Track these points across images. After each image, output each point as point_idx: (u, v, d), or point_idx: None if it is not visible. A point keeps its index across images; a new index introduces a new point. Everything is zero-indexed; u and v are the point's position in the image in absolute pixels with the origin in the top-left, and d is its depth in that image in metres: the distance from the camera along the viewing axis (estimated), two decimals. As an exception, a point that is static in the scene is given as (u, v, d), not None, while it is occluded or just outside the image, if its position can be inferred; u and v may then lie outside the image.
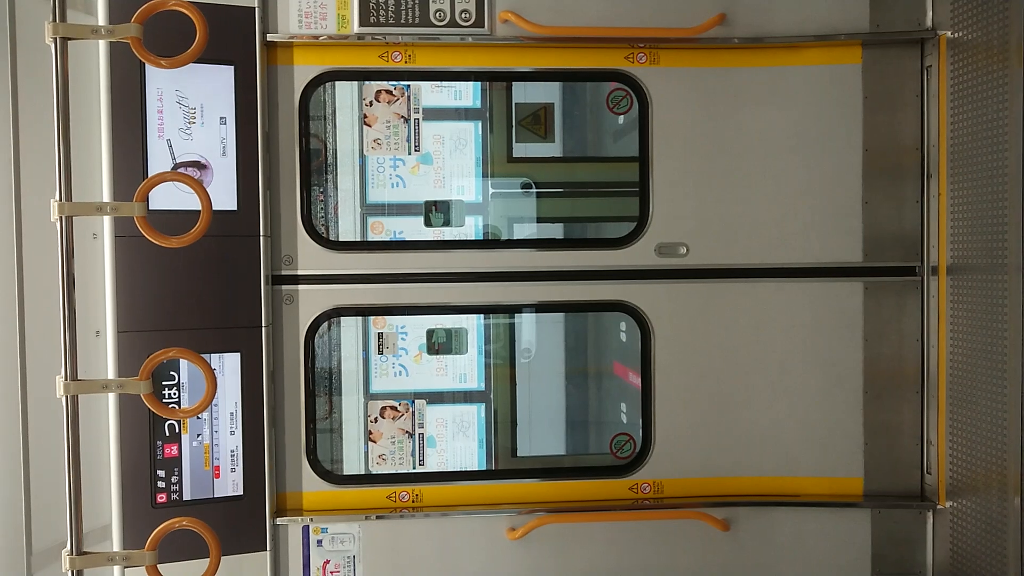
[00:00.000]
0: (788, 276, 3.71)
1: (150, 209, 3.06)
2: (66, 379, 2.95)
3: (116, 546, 3.28)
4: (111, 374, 3.28)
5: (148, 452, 3.32)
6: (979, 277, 3.32)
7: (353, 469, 4.00)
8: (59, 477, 3.00)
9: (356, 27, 3.50)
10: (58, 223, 2.94)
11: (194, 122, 3.34)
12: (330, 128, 3.98)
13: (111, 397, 3.28)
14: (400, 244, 4.10)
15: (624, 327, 4.39)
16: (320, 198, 3.88)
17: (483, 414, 4.31)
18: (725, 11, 3.57)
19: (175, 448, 3.36)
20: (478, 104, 4.34)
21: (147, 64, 3.07)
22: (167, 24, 3.02)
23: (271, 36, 3.45)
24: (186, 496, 3.36)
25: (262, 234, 3.43)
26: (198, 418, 3.35)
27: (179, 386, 3.35)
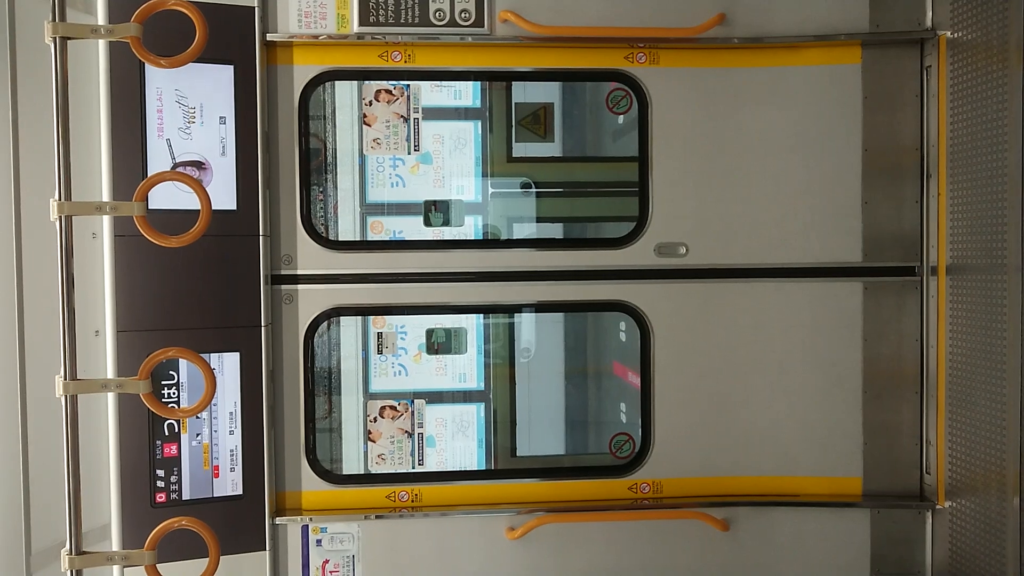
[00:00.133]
0: (788, 276, 3.71)
1: (149, 209, 3.06)
2: (65, 379, 2.95)
3: (115, 546, 3.28)
4: (110, 373, 3.28)
5: (147, 452, 3.31)
6: (978, 277, 3.32)
7: (352, 469, 4.00)
8: (58, 477, 2.99)
9: (356, 27, 3.50)
10: (57, 222, 2.94)
11: (193, 121, 3.34)
12: (330, 128, 3.98)
13: (110, 397, 3.28)
14: (400, 244, 4.10)
15: (623, 327, 4.38)
16: (320, 198, 3.88)
17: (482, 414, 4.30)
18: (725, 11, 3.57)
19: (174, 448, 3.36)
20: (478, 104, 4.33)
21: (146, 64, 3.07)
22: (167, 24, 3.01)
23: (271, 36, 3.45)
24: (185, 496, 3.36)
25: (261, 234, 3.43)
26: (197, 418, 3.35)
27: (178, 386, 3.35)
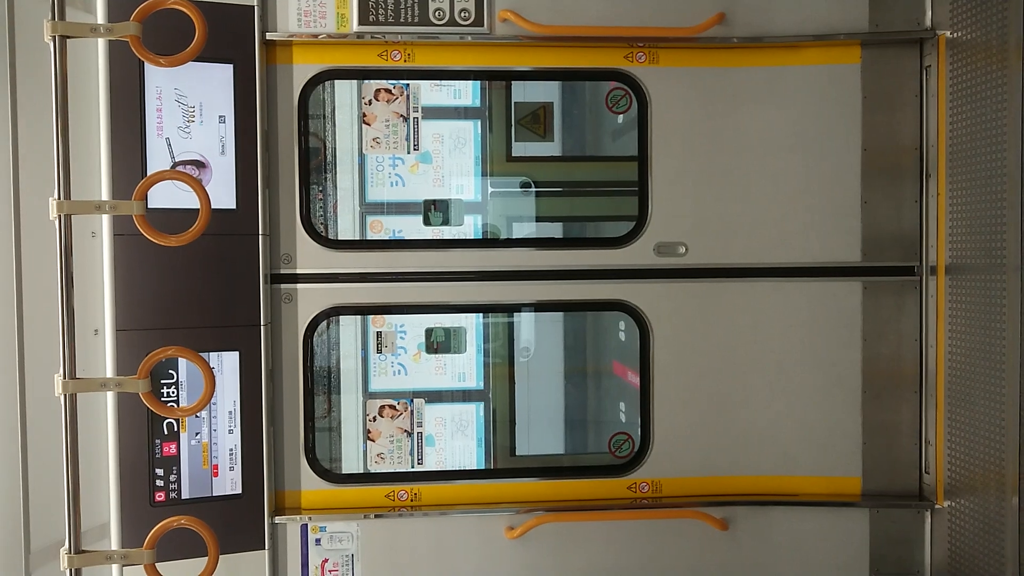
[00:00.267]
0: (787, 276, 3.71)
1: (149, 207, 3.06)
2: (64, 377, 2.95)
3: (114, 545, 3.28)
4: (109, 372, 3.28)
5: (147, 451, 3.31)
6: (978, 277, 3.32)
7: (352, 468, 4.00)
8: (57, 475, 3.00)
9: (355, 26, 3.50)
10: (57, 221, 2.94)
11: (193, 120, 3.34)
12: (329, 127, 3.98)
13: (109, 396, 3.28)
14: (399, 243, 4.10)
15: (623, 326, 4.39)
16: (319, 197, 3.88)
17: (482, 413, 4.31)
18: (724, 11, 3.57)
19: (174, 447, 3.35)
20: (477, 103, 4.34)
21: (146, 62, 3.07)
22: (166, 22, 3.02)
23: (270, 35, 3.45)
24: (184, 495, 3.36)
25: (261, 233, 3.43)
26: (197, 417, 3.35)
27: (178, 385, 3.35)
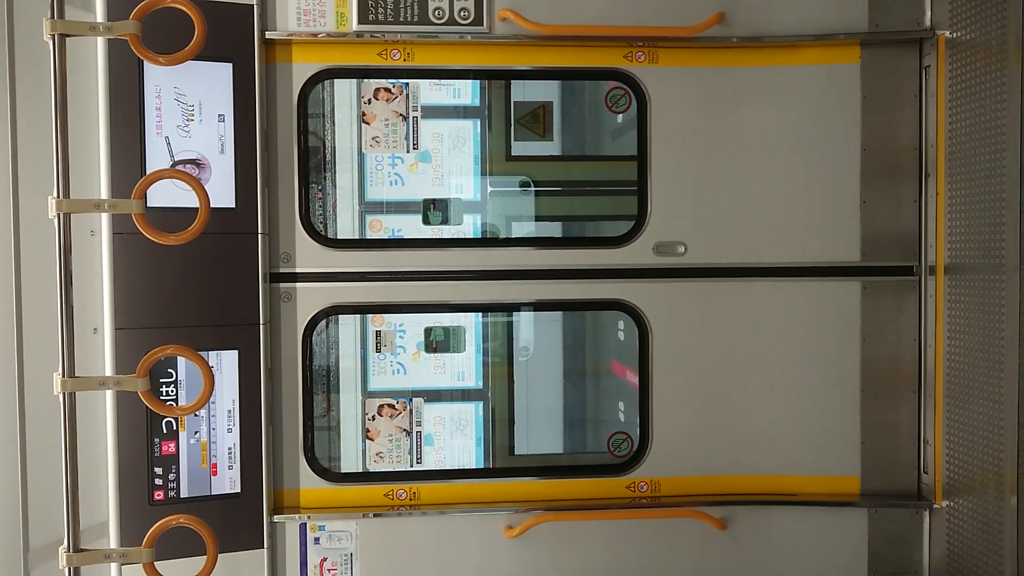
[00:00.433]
0: (786, 275, 3.71)
1: (148, 206, 3.07)
2: (63, 376, 2.95)
3: (113, 543, 3.28)
4: (108, 371, 3.27)
5: (145, 449, 3.31)
6: (976, 277, 3.32)
7: (351, 467, 4.00)
8: (56, 474, 3.00)
9: (355, 25, 3.50)
10: (56, 220, 2.94)
11: (192, 119, 3.34)
12: (328, 126, 3.98)
13: (108, 394, 3.28)
14: (398, 242, 4.10)
15: (622, 326, 4.39)
16: (318, 196, 3.88)
17: (481, 412, 4.31)
18: (724, 10, 3.57)
19: (172, 445, 3.35)
20: (477, 102, 4.34)
21: (145, 61, 3.07)
22: (165, 21, 3.02)
23: (270, 33, 3.45)
24: (183, 493, 3.36)
25: (260, 232, 3.43)
26: (195, 415, 3.35)
27: (177, 383, 3.35)
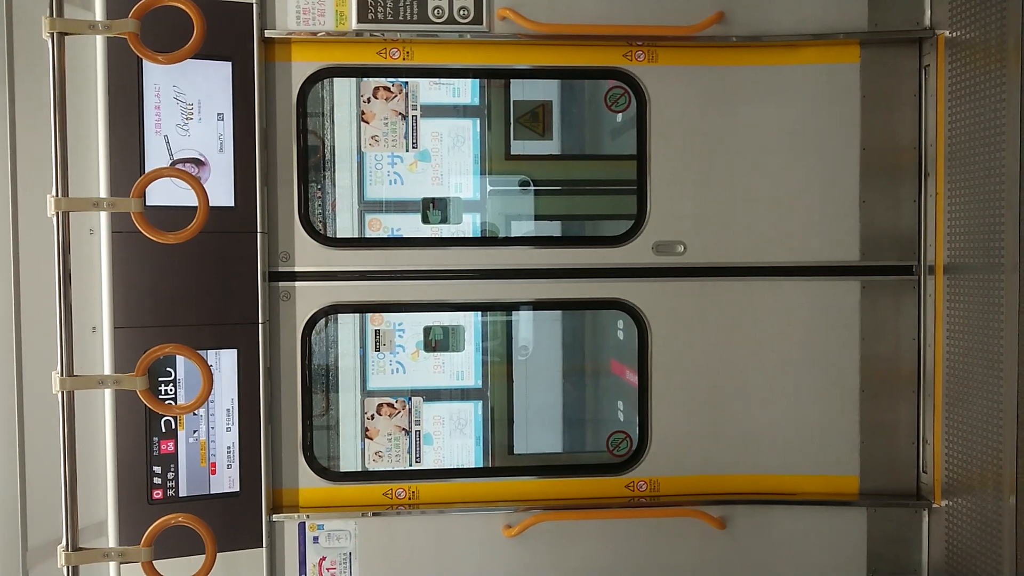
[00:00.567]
0: (785, 275, 3.71)
1: (147, 205, 3.06)
2: (62, 375, 2.95)
3: (112, 542, 3.28)
4: (107, 370, 3.27)
5: (144, 448, 3.31)
6: (976, 276, 3.32)
7: (350, 466, 4.00)
8: (55, 473, 3.00)
9: (354, 23, 3.50)
10: (55, 218, 2.94)
11: (191, 118, 3.34)
12: (328, 125, 3.97)
13: (107, 393, 3.28)
14: (398, 241, 4.10)
15: (621, 325, 4.39)
16: (318, 195, 3.88)
17: (480, 411, 4.30)
18: (723, 9, 3.57)
19: (171, 444, 3.35)
20: (476, 101, 4.33)
21: (144, 60, 3.07)
22: (164, 20, 3.01)
23: (269, 32, 3.44)
24: (182, 492, 3.36)
25: (259, 230, 3.43)
26: (194, 414, 3.35)
27: (175, 382, 3.35)
